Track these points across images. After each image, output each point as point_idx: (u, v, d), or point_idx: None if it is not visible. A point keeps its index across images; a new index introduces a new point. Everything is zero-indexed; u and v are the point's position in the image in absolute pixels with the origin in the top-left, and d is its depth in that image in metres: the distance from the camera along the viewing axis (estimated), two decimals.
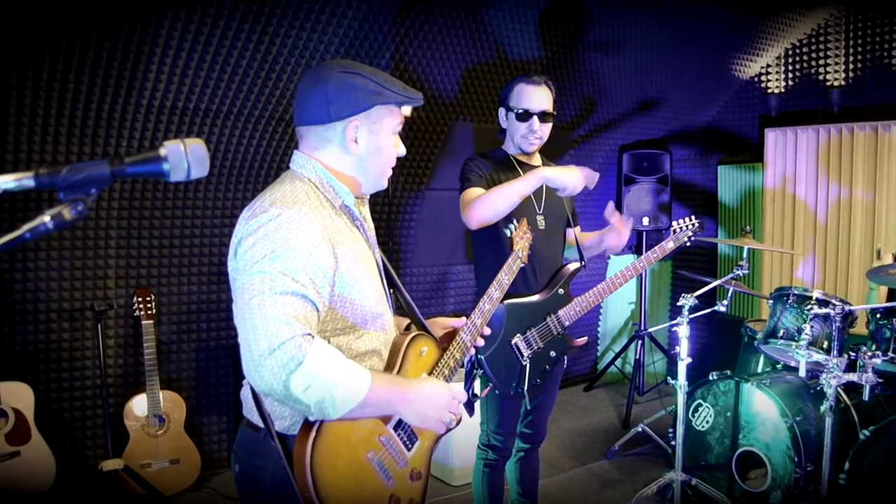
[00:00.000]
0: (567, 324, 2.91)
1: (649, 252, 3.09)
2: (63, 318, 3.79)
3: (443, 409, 1.76)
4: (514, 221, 2.55)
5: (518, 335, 2.85)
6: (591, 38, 4.56)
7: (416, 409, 1.72)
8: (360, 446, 1.70)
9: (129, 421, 3.82)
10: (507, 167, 2.95)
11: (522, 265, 2.50)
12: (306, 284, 1.57)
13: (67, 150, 3.50)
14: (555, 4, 4.17)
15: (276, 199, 1.66)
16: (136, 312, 3.83)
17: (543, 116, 2.87)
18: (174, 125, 3.66)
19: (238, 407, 4.22)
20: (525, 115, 2.87)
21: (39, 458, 3.49)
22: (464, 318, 2.13)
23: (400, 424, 1.81)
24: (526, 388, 2.86)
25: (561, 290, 2.93)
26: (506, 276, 2.37)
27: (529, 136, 2.88)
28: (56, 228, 0.92)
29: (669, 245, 3.10)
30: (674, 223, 3.18)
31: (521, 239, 2.51)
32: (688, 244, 3.15)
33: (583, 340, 3.01)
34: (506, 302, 2.84)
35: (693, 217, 3.19)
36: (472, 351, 2.14)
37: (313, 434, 1.60)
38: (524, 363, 2.85)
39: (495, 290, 2.27)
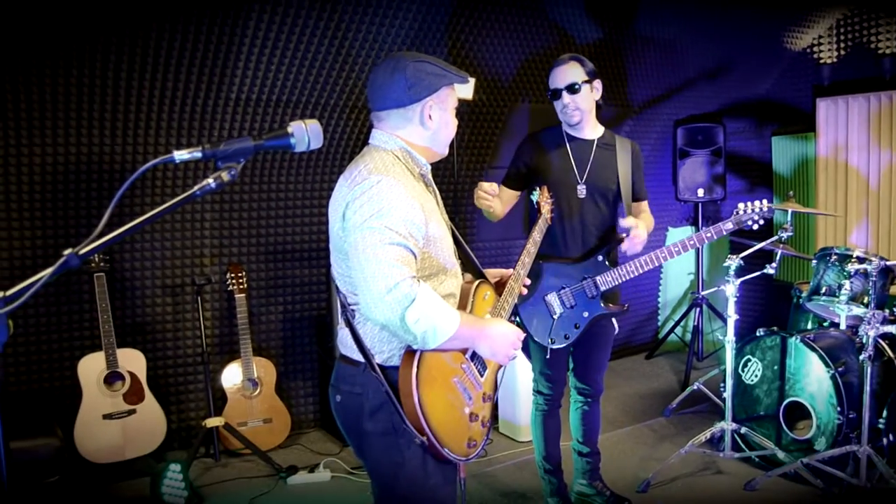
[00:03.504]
0: (602, 289, 3.15)
1: (703, 230, 3.17)
2: (167, 292, 4.25)
3: (509, 346, 2.12)
4: (537, 188, 2.98)
5: (553, 292, 3.18)
6: (643, 17, 4.77)
7: (489, 344, 2.08)
8: (448, 372, 2.06)
9: (226, 384, 4.26)
10: (556, 141, 3.27)
11: (548, 225, 2.97)
12: (406, 236, 1.91)
13: (167, 142, 3.95)
14: None
15: (372, 168, 1.98)
16: (230, 287, 4.24)
17: (572, 88, 3.11)
18: (259, 116, 4.06)
19: (322, 372, 4.65)
20: (555, 94, 3.16)
21: (152, 415, 3.95)
22: (511, 270, 2.50)
23: (475, 355, 2.16)
24: (551, 338, 3.18)
25: (600, 257, 3.18)
26: (538, 234, 2.85)
27: (565, 111, 3.17)
28: (217, 188, 1.28)
29: (727, 226, 3.19)
30: (739, 206, 3.25)
31: (546, 203, 2.98)
32: (754, 227, 3.21)
33: (617, 307, 3.22)
34: (544, 261, 3.17)
35: (764, 201, 3.21)
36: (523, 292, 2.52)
37: (416, 362, 1.95)
38: (554, 318, 3.17)
39: (532, 246, 2.74)
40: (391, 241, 1.88)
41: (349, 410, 2.12)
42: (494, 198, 3.08)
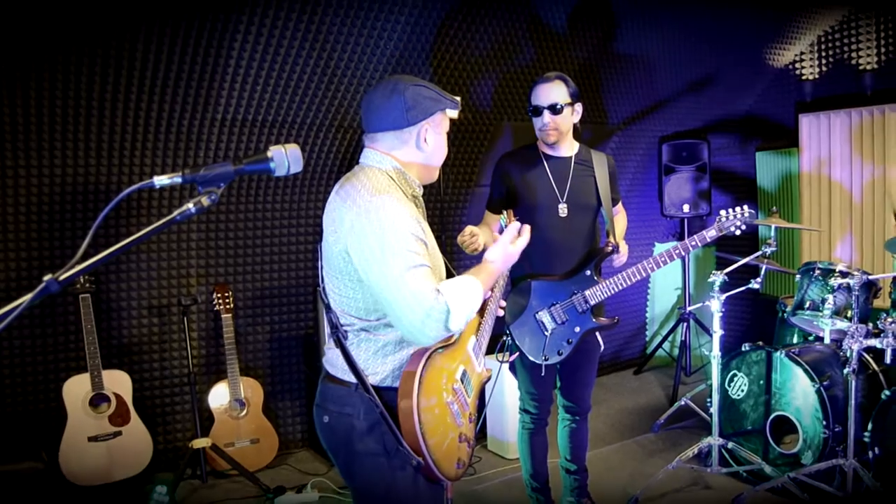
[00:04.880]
0: (593, 302, 3.17)
1: (688, 239, 3.23)
2: (153, 313, 4.23)
3: (515, 254, 2.28)
4: (504, 213, 2.94)
5: (543, 310, 3.18)
6: (625, 35, 4.82)
7: (503, 267, 2.28)
8: (442, 393, 2.08)
9: (213, 404, 4.23)
10: (533, 161, 3.28)
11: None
12: (422, 254, 1.95)
13: (153, 162, 3.95)
14: (587, 3, 4.45)
15: (372, 188, 2.00)
16: (216, 307, 4.23)
17: (554, 109, 3.13)
18: (245, 136, 4.07)
19: (310, 392, 4.63)
20: (536, 111, 3.18)
21: (138, 437, 3.92)
22: (488, 293, 2.51)
23: (464, 376, 2.19)
24: (545, 355, 3.18)
25: (588, 272, 3.19)
26: None
27: (544, 129, 3.18)
28: (197, 213, 1.29)
29: (711, 233, 3.24)
30: (721, 212, 3.29)
31: None
32: (737, 233, 3.26)
33: (608, 321, 3.24)
34: (533, 280, 3.18)
35: (745, 207, 3.27)
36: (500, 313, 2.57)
37: (416, 384, 1.97)
38: (546, 335, 3.17)
39: (506, 271, 2.71)
40: (415, 265, 1.92)
41: (338, 431, 2.11)
42: (482, 229, 3.10)
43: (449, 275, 2.32)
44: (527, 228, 2.31)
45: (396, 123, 2.08)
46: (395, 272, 1.89)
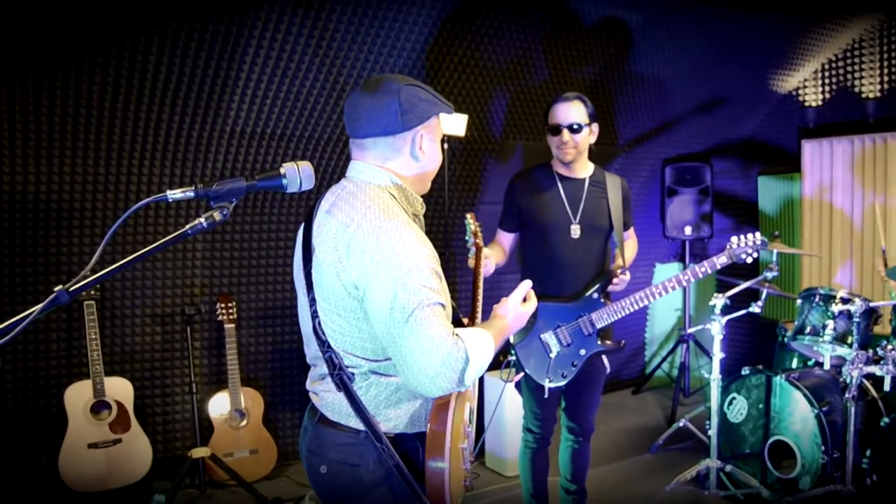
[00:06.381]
0: (599, 325, 3.17)
1: (697, 266, 3.17)
2: (156, 322, 4.26)
3: (524, 317, 2.08)
4: (467, 217, 2.92)
5: (549, 331, 3.19)
6: (633, 58, 4.86)
7: (512, 327, 2.02)
8: (458, 439, 1.91)
9: (213, 413, 4.24)
10: (547, 181, 3.29)
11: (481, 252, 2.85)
12: (439, 290, 1.74)
13: (161, 172, 3.98)
14: (597, 26, 4.49)
15: (377, 211, 1.77)
16: (220, 317, 4.25)
17: (573, 128, 3.14)
18: (254, 149, 4.10)
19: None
20: (555, 129, 3.19)
21: (138, 444, 3.93)
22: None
23: (470, 414, 2.06)
24: (548, 377, 3.18)
25: (595, 294, 3.20)
26: (483, 270, 2.76)
27: (562, 148, 3.18)
28: (209, 228, 1.32)
29: (721, 260, 3.18)
30: (732, 239, 3.24)
31: (478, 231, 2.90)
32: (748, 261, 3.21)
33: (614, 344, 3.24)
34: (539, 301, 3.17)
35: (756, 234, 3.21)
36: None
37: (449, 433, 1.82)
38: (551, 356, 3.17)
39: (482, 284, 2.62)
40: (430, 303, 1.69)
41: (339, 483, 1.89)
42: (493, 248, 3.13)
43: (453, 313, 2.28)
44: (532, 294, 2.15)
45: (389, 128, 1.84)
46: (408, 310, 1.66)
